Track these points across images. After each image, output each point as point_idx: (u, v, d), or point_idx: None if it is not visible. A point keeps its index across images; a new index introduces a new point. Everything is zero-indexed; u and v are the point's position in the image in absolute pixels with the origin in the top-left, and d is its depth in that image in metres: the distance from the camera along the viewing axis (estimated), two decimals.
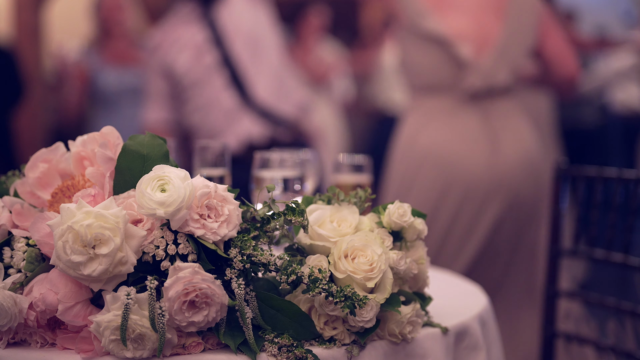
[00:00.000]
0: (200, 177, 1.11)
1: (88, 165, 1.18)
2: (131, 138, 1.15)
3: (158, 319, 1.02)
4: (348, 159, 1.78)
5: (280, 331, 1.09)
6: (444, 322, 1.25)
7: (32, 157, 1.21)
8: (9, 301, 1.06)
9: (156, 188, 1.06)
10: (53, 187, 1.20)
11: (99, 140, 1.16)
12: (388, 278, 1.14)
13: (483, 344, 1.31)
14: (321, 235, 1.16)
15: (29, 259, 1.11)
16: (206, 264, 1.07)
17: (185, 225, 1.07)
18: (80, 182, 1.18)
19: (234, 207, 1.10)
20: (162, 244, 1.06)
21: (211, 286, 1.04)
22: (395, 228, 1.20)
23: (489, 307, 1.42)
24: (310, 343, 1.12)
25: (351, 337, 1.13)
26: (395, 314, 1.15)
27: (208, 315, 1.05)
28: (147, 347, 1.04)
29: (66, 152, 1.22)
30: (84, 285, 1.06)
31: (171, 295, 1.03)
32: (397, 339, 1.16)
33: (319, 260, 1.14)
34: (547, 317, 1.92)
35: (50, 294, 1.06)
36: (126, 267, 1.04)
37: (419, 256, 1.23)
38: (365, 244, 1.14)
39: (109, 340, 1.03)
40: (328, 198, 1.24)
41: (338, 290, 1.08)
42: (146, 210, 1.05)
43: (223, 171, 1.62)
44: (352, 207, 1.22)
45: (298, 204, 1.14)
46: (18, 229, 1.16)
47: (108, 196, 1.12)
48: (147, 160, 1.13)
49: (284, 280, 1.09)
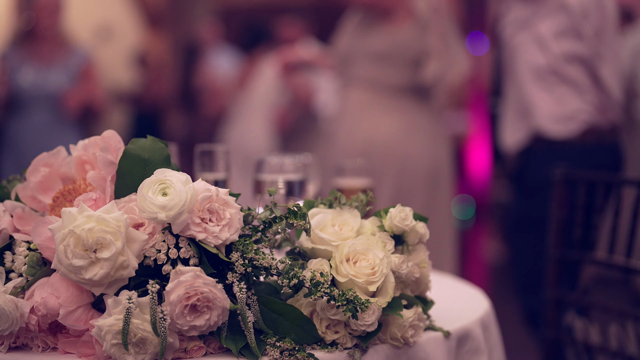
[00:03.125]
0: (201, 181, 1.11)
1: (89, 169, 1.18)
2: (132, 142, 1.15)
3: (159, 323, 1.02)
4: (349, 163, 1.78)
5: (282, 335, 1.09)
6: (446, 325, 1.24)
7: (34, 161, 1.21)
8: (10, 305, 1.06)
9: (157, 192, 1.06)
10: (54, 191, 1.20)
11: (101, 144, 1.16)
12: (390, 282, 1.14)
13: (485, 348, 1.30)
14: (323, 239, 1.16)
15: (30, 263, 1.11)
16: (208, 267, 1.07)
17: (187, 229, 1.06)
18: (81, 186, 1.18)
19: (236, 210, 1.10)
20: (163, 247, 1.06)
21: (213, 290, 1.04)
22: (397, 232, 1.20)
23: (491, 311, 1.42)
24: (312, 347, 1.12)
25: (353, 341, 1.13)
26: (397, 318, 1.15)
27: (210, 319, 1.05)
28: (149, 351, 1.04)
29: (67, 156, 1.22)
30: (85, 290, 1.06)
31: (173, 299, 1.03)
32: (399, 343, 1.16)
33: (321, 264, 1.14)
34: (551, 322, 1.92)
35: (51, 298, 1.05)
36: (127, 271, 1.04)
37: (420, 260, 1.23)
38: (367, 247, 1.13)
39: (110, 344, 1.02)
40: (329, 202, 1.24)
41: (340, 294, 1.08)
42: (147, 214, 1.05)
43: (224, 175, 1.62)
44: (354, 211, 1.22)
45: (300, 208, 1.14)
46: (19, 233, 1.16)
47: (109, 200, 1.12)
48: (149, 164, 1.13)
49: (286, 284, 1.09)
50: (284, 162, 1.57)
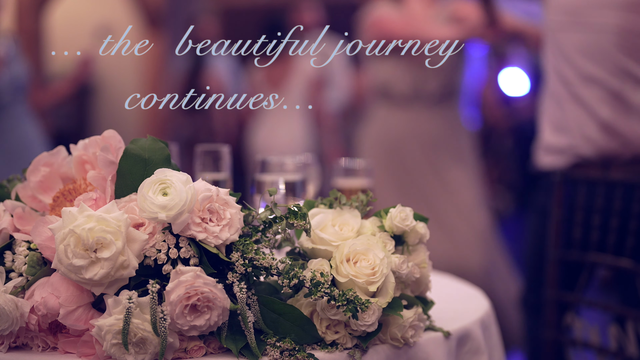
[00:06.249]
0: (202, 181, 1.11)
1: (89, 169, 1.18)
2: (133, 142, 1.15)
3: (160, 322, 1.02)
4: (348, 163, 1.78)
5: (282, 335, 1.09)
6: (446, 326, 1.24)
7: (34, 160, 1.21)
8: (10, 305, 1.06)
9: (158, 192, 1.06)
10: (54, 190, 1.20)
11: (101, 144, 1.16)
12: (390, 282, 1.14)
13: (485, 348, 1.30)
14: (323, 239, 1.16)
15: (30, 262, 1.11)
16: (208, 267, 1.07)
17: (187, 229, 1.06)
18: (81, 185, 1.18)
19: (236, 210, 1.10)
20: (163, 247, 1.06)
21: (213, 290, 1.04)
22: (397, 232, 1.20)
23: (491, 311, 1.42)
24: (312, 347, 1.12)
25: (353, 341, 1.13)
26: (398, 318, 1.14)
27: (210, 319, 1.05)
28: (149, 351, 1.04)
29: (67, 155, 1.22)
30: (85, 289, 1.06)
31: (173, 299, 1.03)
32: (399, 343, 1.16)
33: (321, 264, 1.14)
34: (551, 322, 1.92)
35: (51, 298, 1.05)
36: (128, 271, 1.04)
37: (420, 260, 1.23)
38: (367, 248, 1.13)
39: (110, 344, 1.02)
40: (330, 202, 1.24)
41: (340, 294, 1.08)
42: (148, 214, 1.05)
43: (224, 175, 1.62)
44: (354, 211, 1.22)
45: (300, 208, 1.14)
46: (19, 232, 1.16)
47: (109, 200, 1.12)
48: (149, 164, 1.13)
49: (286, 284, 1.09)
50: (284, 162, 1.57)
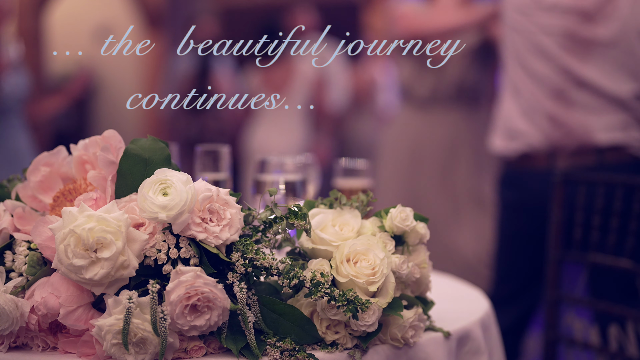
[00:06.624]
0: (202, 181, 1.11)
1: (90, 169, 1.18)
2: (133, 142, 1.15)
3: (160, 323, 1.02)
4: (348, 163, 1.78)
5: (282, 335, 1.09)
6: (446, 326, 1.24)
7: (34, 160, 1.21)
8: (10, 305, 1.06)
9: (158, 192, 1.06)
10: (55, 190, 1.20)
11: (101, 144, 1.16)
12: (390, 282, 1.14)
13: (485, 348, 1.30)
14: (323, 239, 1.16)
15: (30, 262, 1.11)
16: (208, 267, 1.07)
17: (187, 229, 1.06)
18: (82, 185, 1.18)
19: (236, 210, 1.10)
20: (164, 247, 1.06)
21: (213, 290, 1.04)
22: (397, 232, 1.20)
23: (491, 311, 1.42)
24: (312, 347, 1.12)
25: (353, 341, 1.13)
26: (398, 318, 1.14)
27: (210, 319, 1.05)
28: (149, 351, 1.03)
29: (68, 155, 1.22)
30: (85, 289, 1.06)
31: (173, 299, 1.03)
32: (400, 343, 1.16)
33: (321, 264, 1.14)
34: (550, 322, 1.92)
35: (51, 298, 1.05)
36: (128, 271, 1.04)
37: (421, 260, 1.23)
38: (367, 248, 1.13)
39: (110, 344, 1.02)
40: (330, 202, 1.24)
41: (340, 294, 1.08)
42: (148, 214, 1.05)
43: (224, 175, 1.62)
44: (354, 211, 1.22)
45: (300, 208, 1.14)
46: (20, 232, 1.16)
47: (110, 200, 1.12)
48: (149, 164, 1.13)
49: (286, 284, 1.09)
50: (284, 162, 1.57)
